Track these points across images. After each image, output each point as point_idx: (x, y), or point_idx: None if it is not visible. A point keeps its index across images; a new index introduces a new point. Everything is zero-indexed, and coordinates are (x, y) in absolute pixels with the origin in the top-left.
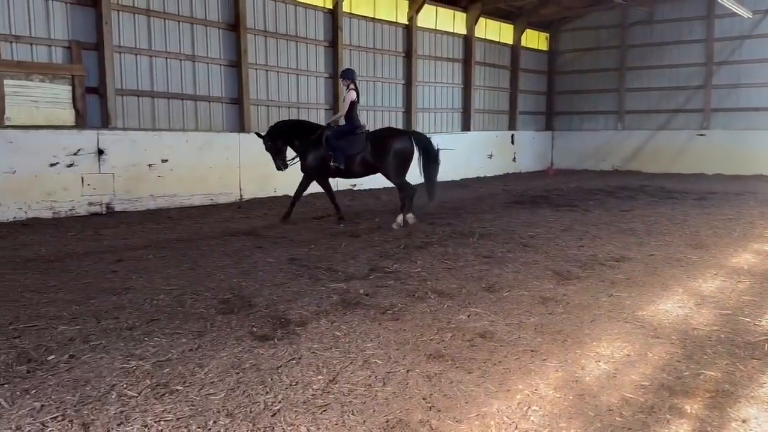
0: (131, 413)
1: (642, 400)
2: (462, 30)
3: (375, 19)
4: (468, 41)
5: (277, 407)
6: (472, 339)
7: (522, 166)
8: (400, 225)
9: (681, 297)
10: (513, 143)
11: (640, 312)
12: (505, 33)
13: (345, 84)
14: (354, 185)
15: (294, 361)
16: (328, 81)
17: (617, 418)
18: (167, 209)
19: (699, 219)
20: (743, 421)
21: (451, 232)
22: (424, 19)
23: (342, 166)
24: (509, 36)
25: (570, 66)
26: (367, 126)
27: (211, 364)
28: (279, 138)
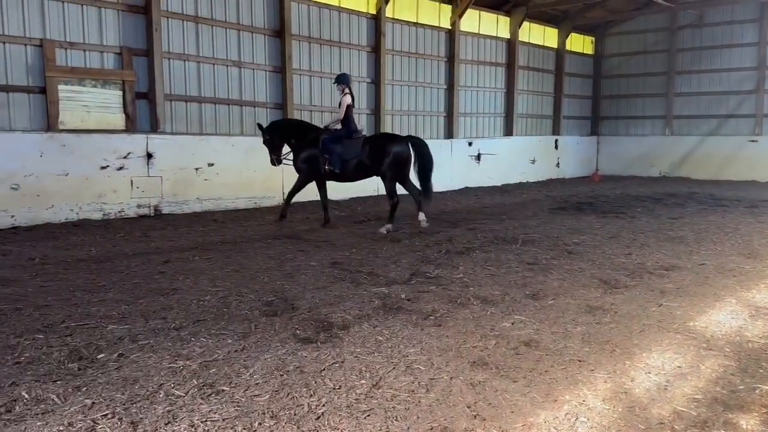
0: (178, 413)
1: (695, 414)
2: (505, 34)
3: (417, 24)
4: (511, 45)
5: (321, 410)
6: (516, 347)
7: (566, 171)
8: (389, 230)
9: (734, 308)
10: (557, 148)
11: (691, 323)
12: (550, 37)
13: (340, 89)
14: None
15: (337, 365)
16: (370, 86)
17: None
18: (212, 212)
19: (751, 228)
20: None
21: (494, 237)
22: (467, 24)
23: (338, 169)
24: (554, 40)
25: (616, 70)
26: (364, 130)
27: (256, 365)
28: (277, 134)
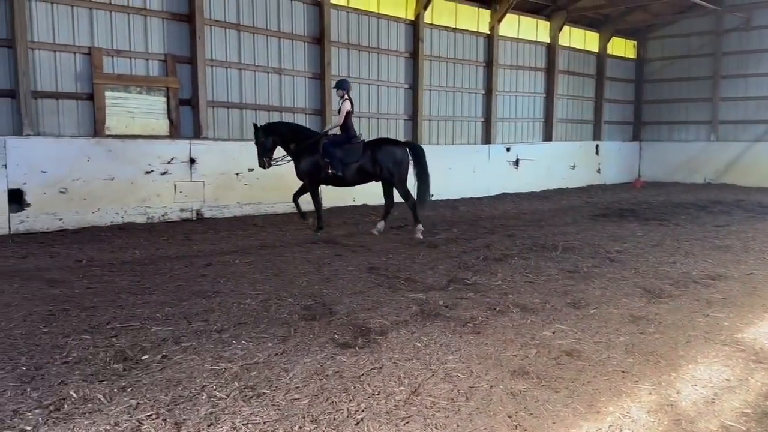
0: (221, 415)
1: (744, 428)
2: (545, 38)
3: (456, 29)
4: (551, 50)
5: (361, 416)
6: (558, 357)
7: (607, 177)
8: (422, 231)
9: None
10: (597, 154)
11: (739, 334)
12: (591, 41)
13: (339, 95)
14: (432, 195)
15: (375, 371)
16: (407, 92)
17: None
18: (252, 216)
19: None
20: None
21: (532, 244)
22: (506, 29)
23: (340, 173)
24: (594, 44)
25: (659, 74)
26: (363, 135)
27: (296, 369)
28: (274, 136)
